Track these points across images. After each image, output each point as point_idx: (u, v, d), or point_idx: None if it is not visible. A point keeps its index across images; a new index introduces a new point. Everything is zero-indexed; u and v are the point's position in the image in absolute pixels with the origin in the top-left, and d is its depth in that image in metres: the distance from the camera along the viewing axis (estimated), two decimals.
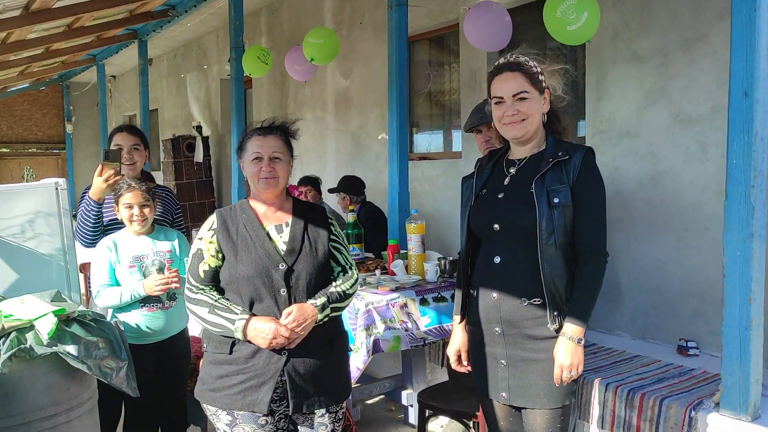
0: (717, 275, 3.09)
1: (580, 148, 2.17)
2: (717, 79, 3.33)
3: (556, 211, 2.08)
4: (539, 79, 2.17)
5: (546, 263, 2.08)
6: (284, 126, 2.35)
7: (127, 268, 2.96)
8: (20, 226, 3.16)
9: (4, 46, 6.90)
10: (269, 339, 2.12)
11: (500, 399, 2.22)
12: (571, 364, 2.08)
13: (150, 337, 2.99)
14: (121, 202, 2.99)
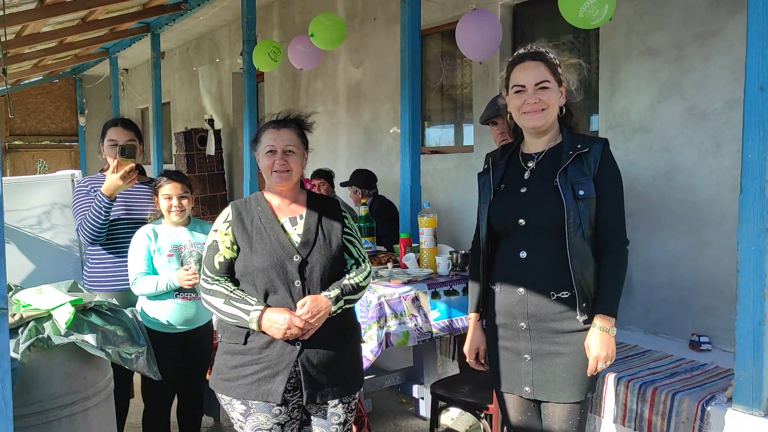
0: (730, 270, 3.09)
1: (596, 139, 2.17)
2: (732, 74, 3.32)
3: (581, 204, 2.09)
4: (558, 71, 2.17)
5: (574, 256, 2.09)
6: (299, 119, 2.36)
7: (166, 256, 3.02)
8: (37, 218, 3.22)
9: (19, 39, 6.95)
10: (284, 330, 2.14)
11: (523, 393, 2.21)
12: (606, 354, 2.10)
13: (179, 326, 3.05)
14: (161, 193, 3.07)
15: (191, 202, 3.12)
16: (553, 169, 2.14)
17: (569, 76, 2.20)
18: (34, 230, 3.20)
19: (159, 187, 3.07)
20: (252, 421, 2.23)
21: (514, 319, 2.19)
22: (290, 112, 2.37)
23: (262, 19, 7.33)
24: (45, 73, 11.25)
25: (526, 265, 2.16)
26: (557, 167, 2.14)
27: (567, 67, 2.20)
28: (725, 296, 3.31)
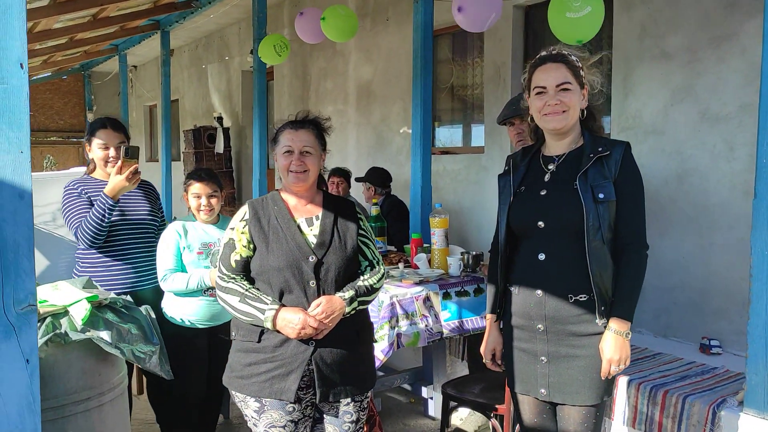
0: (741, 274, 3.10)
1: (618, 143, 2.16)
2: (745, 78, 3.32)
3: (601, 207, 2.08)
4: (580, 74, 2.16)
5: (593, 259, 2.08)
6: (317, 120, 2.38)
7: (196, 254, 3.05)
8: (51, 214, 3.24)
9: (30, 35, 6.98)
10: (298, 329, 2.15)
11: (539, 395, 2.21)
12: (619, 358, 2.09)
13: (206, 321, 3.09)
14: (191, 191, 3.11)
15: (221, 201, 3.16)
16: (574, 172, 2.13)
17: (592, 78, 2.19)
18: (49, 227, 3.23)
19: (188, 185, 3.12)
20: (266, 418, 2.24)
21: (531, 320, 2.19)
22: (308, 113, 2.39)
23: (272, 17, 7.34)
24: (54, 69, 11.30)
25: (544, 267, 2.16)
26: (578, 170, 2.13)
27: (589, 68, 2.19)
28: (736, 300, 3.31)
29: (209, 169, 3.28)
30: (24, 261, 1.19)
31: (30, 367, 1.24)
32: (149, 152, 12.53)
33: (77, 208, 3.01)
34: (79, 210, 3.00)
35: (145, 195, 3.24)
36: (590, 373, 2.13)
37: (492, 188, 4.56)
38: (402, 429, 3.89)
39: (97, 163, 3.14)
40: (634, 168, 2.16)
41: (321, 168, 2.40)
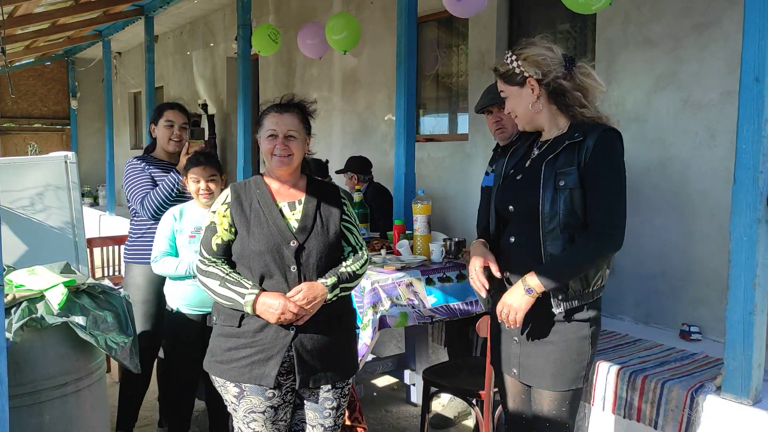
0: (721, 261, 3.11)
1: (596, 128, 2.08)
2: (728, 65, 3.33)
3: (561, 195, 2.05)
4: (514, 73, 2.12)
5: (548, 246, 2.07)
6: (302, 104, 2.36)
7: (188, 237, 3.05)
8: (30, 199, 3.20)
9: (11, 19, 6.86)
10: (277, 314, 2.14)
11: (512, 375, 2.24)
12: (511, 306, 2.07)
13: (198, 307, 3.07)
14: (190, 175, 3.11)
15: (220, 185, 3.14)
16: (545, 158, 2.12)
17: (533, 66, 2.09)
18: (27, 211, 3.19)
19: (188, 169, 3.11)
20: (245, 403, 2.23)
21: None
22: (293, 96, 2.36)
23: (257, 3, 7.28)
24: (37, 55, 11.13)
25: (512, 250, 2.18)
26: (548, 156, 2.11)
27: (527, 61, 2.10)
28: (716, 287, 3.34)
29: (209, 152, 3.31)
30: None
31: None
32: (134, 140, 12.41)
33: (141, 182, 3.29)
34: (143, 184, 3.28)
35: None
36: (557, 359, 2.12)
37: (476, 176, 4.57)
38: (384, 415, 3.90)
39: (161, 141, 3.44)
40: (606, 154, 2.06)
41: (306, 152, 2.38)
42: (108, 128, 10.49)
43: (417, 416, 3.82)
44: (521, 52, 2.12)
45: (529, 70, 2.09)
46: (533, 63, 2.09)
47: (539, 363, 2.15)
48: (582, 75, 2.11)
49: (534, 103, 2.13)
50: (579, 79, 2.10)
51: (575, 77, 2.10)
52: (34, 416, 2.32)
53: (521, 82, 2.13)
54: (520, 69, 2.11)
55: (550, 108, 2.15)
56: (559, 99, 2.12)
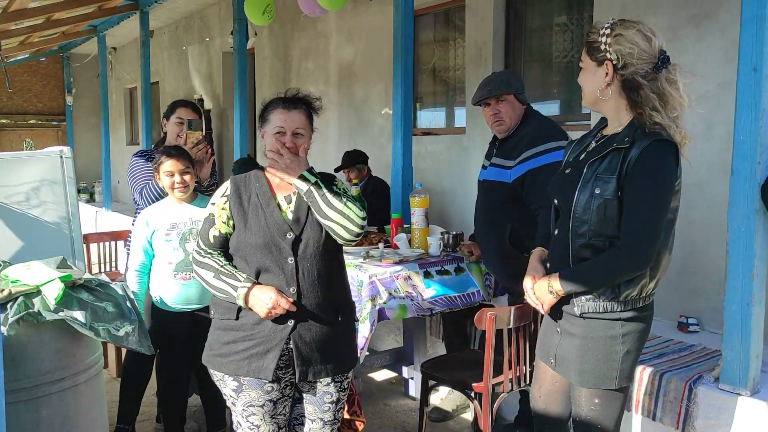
0: (719, 253, 3.11)
1: (648, 137, 1.92)
2: (725, 56, 3.32)
3: (596, 202, 1.97)
4: (599, 48, 1.97)
5: (575, 249, 2.04)
6: (308, 100, 2.34)
7: (164, 236, 3.02)
8: (25, 194, 3.17)
9: (5, 14, 6.82)
10: (268, 308, 2.13)
11: (549, 364, 2.23)
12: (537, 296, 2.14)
13: (181, 304, 3.05)
14: (162, 170, 3.04)
15: (194, 177, 3.11)
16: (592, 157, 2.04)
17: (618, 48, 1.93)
18: (22, 207, 3.16)
19: (159, 164, 3.05)
20: (244, 397, 2.23)
21: None
22: (298, 91, 2.33)
23: None
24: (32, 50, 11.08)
25: (554, 242, 2.18)
26: (595, 156, 2.03)
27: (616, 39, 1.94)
28: (714, 278, 3.34)
29: (178, 146, 3.24)
30: None
31: None
32: (129, 135, 12.38)
33: (143, 173, 3.35)
34: (145, 174, 3.34)
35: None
36: (582, 355, 2.07)
37: (473, 169, 4.56)
38: (382, 409, 3.90)
39: (171, 137, 3.48)
40: (648, 167, 1.91)
41: (309, 147, 2.36)
42: (104, 124, 10.45)
43: (415, 410, 3.82)
44: (616, 29, 1.95)
45: (612, 53, 1.94)
46: (619, 47, 1.93)
47: (572, 357, 2.11)
48: (666, 80, 1.95)
49: (603, 89, 2.00)
50: (661, 82, 1.94)
51: (658, 79, 1.94)
52: (32, 411, 2.32)
53: (600, 60, 1.97)
54: (605, 46, 1.95)
55: (619, 100, 2.01)
56: (631, 93, 1.96)
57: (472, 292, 3.44)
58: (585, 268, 2.04)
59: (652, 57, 1.94)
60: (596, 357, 2.05)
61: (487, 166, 3.29)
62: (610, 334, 2.04)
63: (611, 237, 1.97)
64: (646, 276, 2.01)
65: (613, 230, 1.96)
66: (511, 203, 3.07)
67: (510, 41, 4.86)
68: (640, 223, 1.93)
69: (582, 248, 2.03)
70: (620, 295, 2.00)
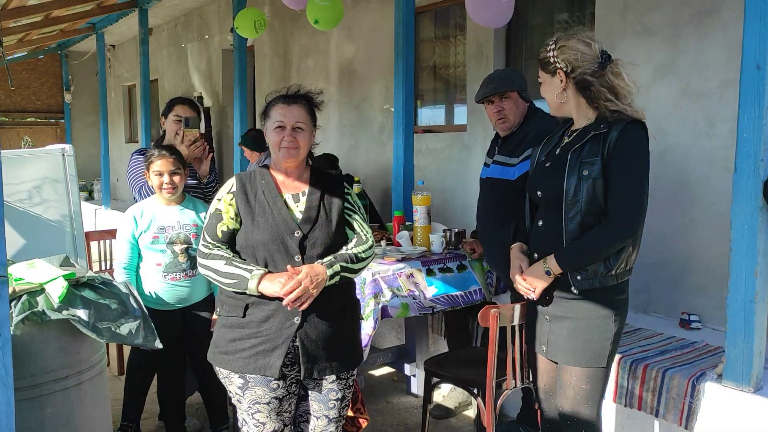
0: (721, 250, 3.12)
1: (622, 121, 2.17)
2: (727, 54, 3.32)
3: (584, 183, 2.16)
4: (549, 62, 2.25)
5: (568, 231, 2.20)
6: (309, 95, 2.34)
7: (151, 237, 3.00)
8: (27, 192, 3.18)
9: (4, 12, 6.81)
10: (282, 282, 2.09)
11: (541, 352, 2.37)
12: (530, 281, 2.27)
13: (175, 304, 3.05)
14: (152, 169, 3.01)
15: (184, 179, 3.07)
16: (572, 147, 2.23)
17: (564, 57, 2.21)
18: (25, 205, 3.16)
19: (149, 163, 3.02)
20: (250, 394, 2.23)
21: None
22: (300, 87, 2.34)
23: None
24: (30, 48, 11.06)
25: (540, 233, 2.32)
26: (575, 145, 2.22)
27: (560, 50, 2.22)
28: (716, 275, 3.34)
29: (170, 145, 3.21)
30: None
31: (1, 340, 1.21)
32: (128, 133, 12.36)
33: (141, 172, 3.26)
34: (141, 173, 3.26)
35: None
36: (578, 336, 2.23)
37: (475, 166, 4.56)
38: (385, 406, 3.90)
39: (169, 135, 3.44)
40: (629, 146, 2.15)
41: (311, 144, 2.36)
42: (102, 122, 10.44)
43: (417, 407, 3.83)
44: (560, 42, 2.23)
45: (561, 62, 2.21)
46: (565, 55, 2.20)
47: (563, 339, 2.26)
48: (612, 74, 2.19)
49: (559, 93, 2.26)
50: (608, 77, 2.19)
51: (605, 75, 2.19)
52: (36, 410, 2.32)
53: (553, 71, 2.25)
54: (554, 59, 2.23)
55: (578, 100, 2.25)
56: (586, 92, 2.22)
57: (473, 290, 3.44)
58: (579, 245, 2.20)
59: (595, 57, 2.20)
60: (589, 337, 2.22)
61: (489, 163, 3.29)
62: (603, 314, 2.21)
63: (599, 213, 2.18)
64: (629, 247, 2.22)
65: (601, 206, 2.17)
66: (514, 200, 3.05)
67: (511, 38, 4.86)
68: (628, 194, 2.15)
69: (575, 229, 2.20)
70: (612, 269, 2.20)
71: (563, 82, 2.24)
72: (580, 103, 2.25)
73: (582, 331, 2.22)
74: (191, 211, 3.08)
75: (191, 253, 3.02)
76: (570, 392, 2.27)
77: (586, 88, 2.20)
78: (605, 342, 2.22)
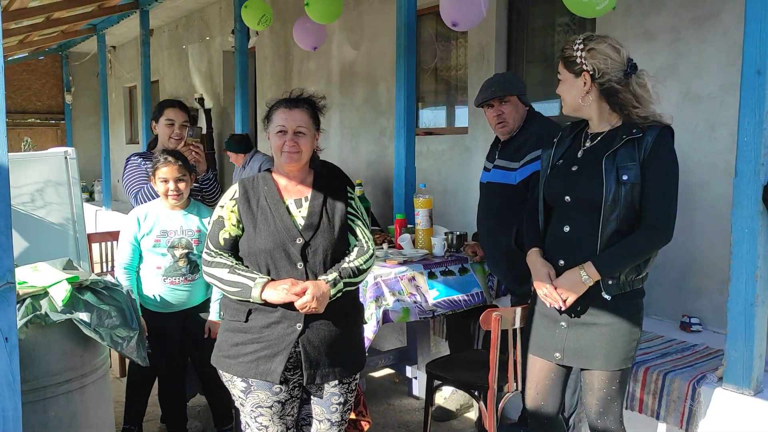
0: (721, 253, 3.13)
1: (655, 126, 2.17)
2: (727, 58, 3.33)
3: (623, 188, 2.15)
4: (575, 62, 2.21)
5: (605, 236, 2.18)
6: (311, 99, 2.34)
7: (153, 241, 3.00)
8: (30, 195, 3.18)
9: (5, 14, 6.82)
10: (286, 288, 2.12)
11: (553, 359, 2.33)
12: (566, 291, 2.21)
13: (174, 307, 3.07)
14: (158, 176, 3.02)
15: (190, 185, 3.07)
16: (604, 151, 2.20)
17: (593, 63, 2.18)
18: (27, 208, 3.17)
19: (155, 169, 3.03)
20: (252, 398, 2.24)
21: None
22: (302, 91, 2.34)
23: None
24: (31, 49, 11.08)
25: (568, 239, 2.28)
26: (608, 149, 2.19)
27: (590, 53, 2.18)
28: (716, 279, 3.35)
29: (177, 150, 3.20)
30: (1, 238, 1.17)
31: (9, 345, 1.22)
32: (129, 134, 12.37)
33: (138, 177, 3.33)
34: (139, 178, 3.32)
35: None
36: (609, 340, 2.23)
37: (476, 169, 4.56)
38: (386, 409, 3.91)
39: (162, 139, 3.44)
40: (666, 152, 2.17)
41: (315, 148, 2.37)
42: (103, 123, 10.45)
43: (419, 409, 3.84)
44: (589, 44, 2.19)
45: (588, 65, 2.18)
46: (594, 60, 2.17)
47: (590, 344, 2.25)
48: (637, 84, 2.19)
49: (584, 96, 2.23)
50: (633, 86, 2.18)
51: (630, 84, 2.18)
52: (39, 413, 2.33)
53: (578, 72, 2.21)
54: (581, 60, 2.19)
55: (601, 104, 2.24)
56: (611, 98, 2.20)
57: (475, 293, 3.45)
58: (617, 251, 2.19)
59: (622, 65, 2.18)
60: (621, 340, 2.24)
61: (489, 168, 3.29)
62: (632, 317, 2.24)
63: (634, 219, 2.18)
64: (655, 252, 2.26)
65: (636, 212, 2.17)
66: (516, 205, 3.07)
67: (512, 41, 4.87)
68: (665, 200, 2.17)
69: (611, 235, 2.18)
70: (641, 273, 2.23)
71: (587, 86, 2.21)
72: (603, 107, 2.24)
73: (613, 335, 2.23)
74: (195, 216, 3.09)
75: (191, 258, 3.03)
76: (601, 394, 2.29)
77: (613, 95, 2.19)
78: (633, 343, 2.26)
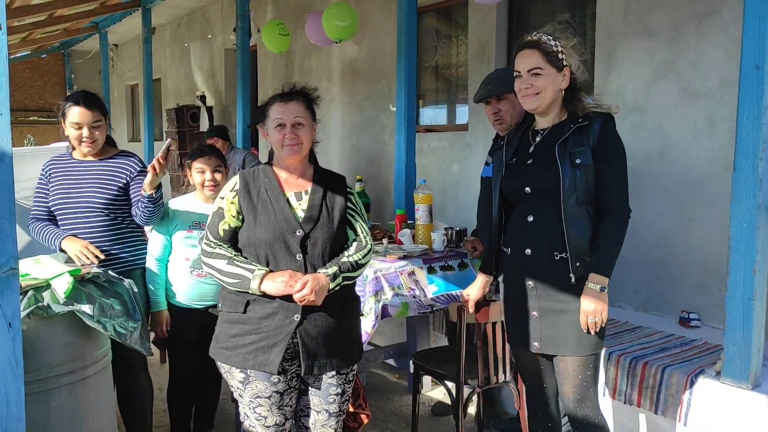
0: (720, 248, 3.14)
1: (598, 114, 2.30)
2: (727, 54, 3.34)
3: (578, 171, 2.25)
4: (558, 57, 2.29)
5: (568, 219, 2.25)
6: (305, 91, 2.36)
7: (185, 232, 2.99)
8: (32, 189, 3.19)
9: (8, 11, 6.84)
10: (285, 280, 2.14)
11: (533, 348, 2.38)
12: (594, 309, 2.24)
13: (200, 301, 3.04)
14: (194, 166, 3.03)
15: (225, 177, 3.07)
16: (555, 141, 2.30)
17: (572, 60, 2.30)
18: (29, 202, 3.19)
19: (192, 161, 3.05)
20: (251, 389, 2.25)
21: (522, 278, 2.37)
22: (295, 84, 2.36)
23: None
24: (33, 47, 11.12)
25: (532, 228, 2.34)
26: (558, 139, 2.30)
27: (570, 51, 2.30)
28: (715, 274, 3.36)
29: (211, 145, 3.24)
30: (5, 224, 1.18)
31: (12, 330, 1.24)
32: (131, 132, 12.40)
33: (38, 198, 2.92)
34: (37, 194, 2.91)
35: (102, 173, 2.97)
36: (578, 326, 2.28)
37: (476, 165, 4.58)
38: (386, 403, 3.93)
39: (72, 143, 2.96)
40: (613, 137, 2.29)
41: (313, 140, 2.38)
42: None
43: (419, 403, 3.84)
44: (565, 42, 2.29)
45: (570, 60, 2.29)
46: (574, 55, 2.30)
47: (561, 332, 2.31)
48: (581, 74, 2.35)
49: (560, 90, 2.32)
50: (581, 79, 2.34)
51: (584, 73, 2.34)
52: (41, 404, 2.34)
53: (560, 67, 2.29)
54: (563, 55, 2.29)
55: (560, 99, 2.34)
56: (574, 92, 2.33)
57: None
58: (602, 247, 2.26)
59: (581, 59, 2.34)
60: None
61: (490, 162, 3.31)
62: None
63: (590, 202, 2.28)
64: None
65: (591, 194, 2.28)
66: None
67: (513, 38, 4.88)
68: (620, 186, 2.29)
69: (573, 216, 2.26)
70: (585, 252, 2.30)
71: (565, 80, 2.31)
72: (558, 102, 2.34)
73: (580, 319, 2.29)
74: None
75: None
76: (577, 380, 2.33)
77: (576, 88, 2.32)
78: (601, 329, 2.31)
